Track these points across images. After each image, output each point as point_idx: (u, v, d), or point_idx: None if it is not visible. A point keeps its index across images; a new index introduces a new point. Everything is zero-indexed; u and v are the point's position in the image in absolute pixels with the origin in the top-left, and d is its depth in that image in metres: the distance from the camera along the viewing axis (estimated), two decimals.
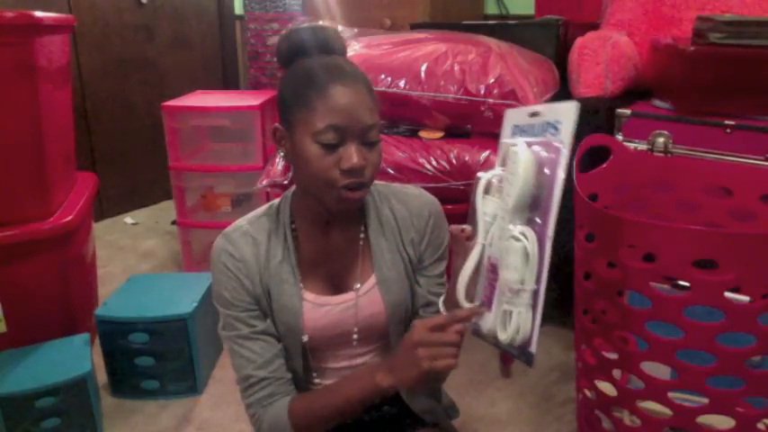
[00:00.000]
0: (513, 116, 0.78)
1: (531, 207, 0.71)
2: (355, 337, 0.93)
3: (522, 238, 0.70)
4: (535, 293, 0.70)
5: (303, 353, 0.92)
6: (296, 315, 0.89)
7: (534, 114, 0.74)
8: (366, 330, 0.93)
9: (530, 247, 0.69)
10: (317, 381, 0.97)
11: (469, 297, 0.77)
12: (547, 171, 0.70)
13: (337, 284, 0.93)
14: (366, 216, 0.93)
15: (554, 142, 0.70)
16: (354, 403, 0.83)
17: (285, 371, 0.90)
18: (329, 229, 0.91)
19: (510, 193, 0.71)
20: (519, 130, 0.76)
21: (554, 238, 0.70)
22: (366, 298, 0.92)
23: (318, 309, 0.91)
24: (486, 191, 0.76)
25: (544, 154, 0.70)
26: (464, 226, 0.79)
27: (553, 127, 0.71)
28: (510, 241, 0.70)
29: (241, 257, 0.88)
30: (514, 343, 0.72)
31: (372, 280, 0.93)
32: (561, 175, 0.68)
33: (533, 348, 0.71)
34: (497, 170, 0.76)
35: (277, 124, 0.86)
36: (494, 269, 0.74)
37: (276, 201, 0.94)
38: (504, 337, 0.72)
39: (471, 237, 0.77)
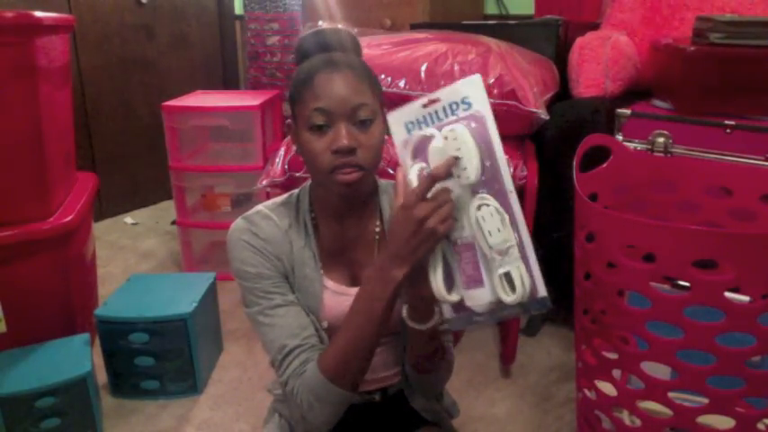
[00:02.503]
0: (401, 116, 0.77)
1: (486, 177, 0.74)
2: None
3: (487, 201, 0.73)
4: (520, 245, 0.73)
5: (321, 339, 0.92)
6: (316, 300, 0.91)
7: (430, 103, 0.76)
8: None
9: (497, 206, 0.72)
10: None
11: (448, 290, 0.77)
12: (484, 140, 0.74)
13: (354, 276, 0.94)
14: (381, 210, 0.95)
15: (475, 114, 0.74)
16: (378, 315, 0.79)
17: (317, 340, 0.89)
18: (345, 221, 0.93)
19: (469, 169, 0.73)
20: (416, 125, 0.77)
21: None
22: None
23: (336, 297, 0.92)
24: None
25: (473, 129, 0.74)
26: None
27: (463, 104, 0.75)
28: (481, 210, 0.73)
29: (265, 237, 0.89)
30: (525, 298, 0.73)
31: None
32: (495, 134, 0.73)
33: (543, 292, 0.73)
34: (418, 164, 0.76)
35: (289, 120, 0.90)
36: (468, 248, 0.75)
37: (296, 190, 0.96)
38: (512, 298, 0.73)
39: None
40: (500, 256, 0.73)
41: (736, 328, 0.96)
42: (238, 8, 3.41)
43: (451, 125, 0.74)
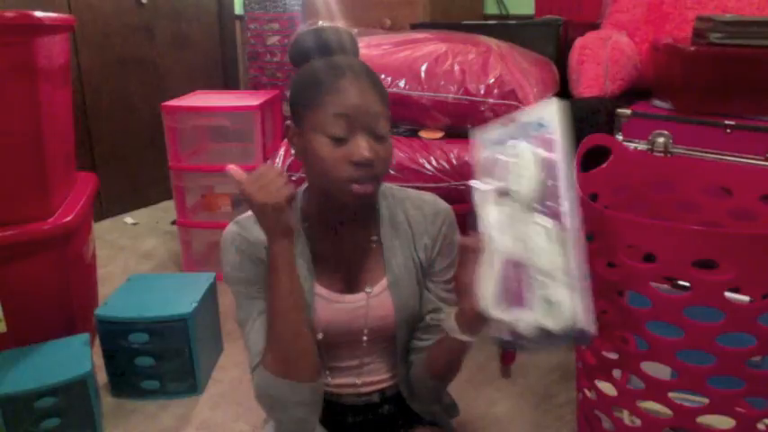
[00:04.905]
0: (484, 133, 0.82)
1: (545, 197, 0.73)
2: (365, 338, 0.93)
3: (543, 224, 0.72)
4: (570, 272, 0.70)
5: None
6: (308, 309, 0.89)
7: (509, 122, 0.78)
8: (375, 331, 0.93)
9: (553, 230, 0.71)
10: (329, 379, 0.96)
11: (493, 303, 0.76)
12: (548, 161, 0.73)
13: (349, 284, 0.93)
14: (380, 219, 0.94)
15: (545, 136, 0.74)
16: (279, 289, 0.81)
17: None
18: (342, 230, 0.92)
19: (522, 186, 0.73)
20: (495, 142, 0.80)
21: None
22: (377, 300, 0.92)
23: (330, 305, 0.91)
24: (488, 200, 0.77)
25: (539, 149, 0.74)
26: (472, 237, 0.79)
27: (538, 125, 0.75)
28: (533, 230, 0.72)
29: (255, 241, 0.88)
30: (566, 326, 0.70)
31: (384, 283, 0.93)
32: (565, 161, 0.72)
33: (586, 324, 0.70)
34: (491, 182, 0.78)
35: (289, 122, 0.88)
36: (517, 267, 0.74)
37: None
38: (552, 323, 0.70)
39: (479, 247, 0.77)
40: (546, 278, 0.71)
41: (736, 329, 0.96)
42: (238, 8, 3.41)
43: (516, 141, 0.76)
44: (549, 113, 0.74)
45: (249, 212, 0.92)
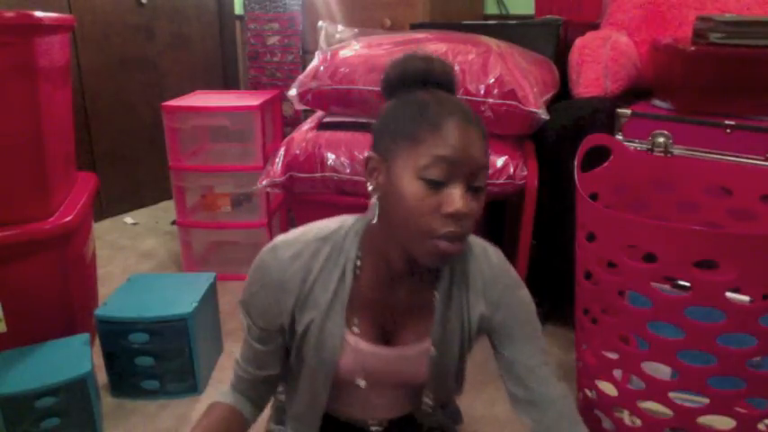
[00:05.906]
0: None
1: None
2: (397, 388, 0.91)
3: None
4: None
5: (332, 386, 0.87)
6: (334, 354, 0.84)
7: None
8: (406, 382, 0.90)
9: None
10: (368, 420, 0.95)
11: None
12: None
13: (387, 336, 0.87)
14: (439, 277, 0.85)
15: None
16: None
17: (258, 391, 0.97)
18: (398, 284, 0.83)
19: None
20: None
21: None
22: (414, 357, 0.87)
23: (358, 353, 0.85)
24: None
25: None
26: None
27: None
28: None
29: (280, 280, 0.82)
30: None
31: (426, 343, 0.86)
32: None
33: None
34: None
35: (371, 153, 0.77)
36: None
37: (347, 225, 0.84)
38: None
39: None
40: None
41: (736, 329, 0.96)
42: (238, 8, 3.41)
43: None
44: None
45: (292, 238, 0.84)
